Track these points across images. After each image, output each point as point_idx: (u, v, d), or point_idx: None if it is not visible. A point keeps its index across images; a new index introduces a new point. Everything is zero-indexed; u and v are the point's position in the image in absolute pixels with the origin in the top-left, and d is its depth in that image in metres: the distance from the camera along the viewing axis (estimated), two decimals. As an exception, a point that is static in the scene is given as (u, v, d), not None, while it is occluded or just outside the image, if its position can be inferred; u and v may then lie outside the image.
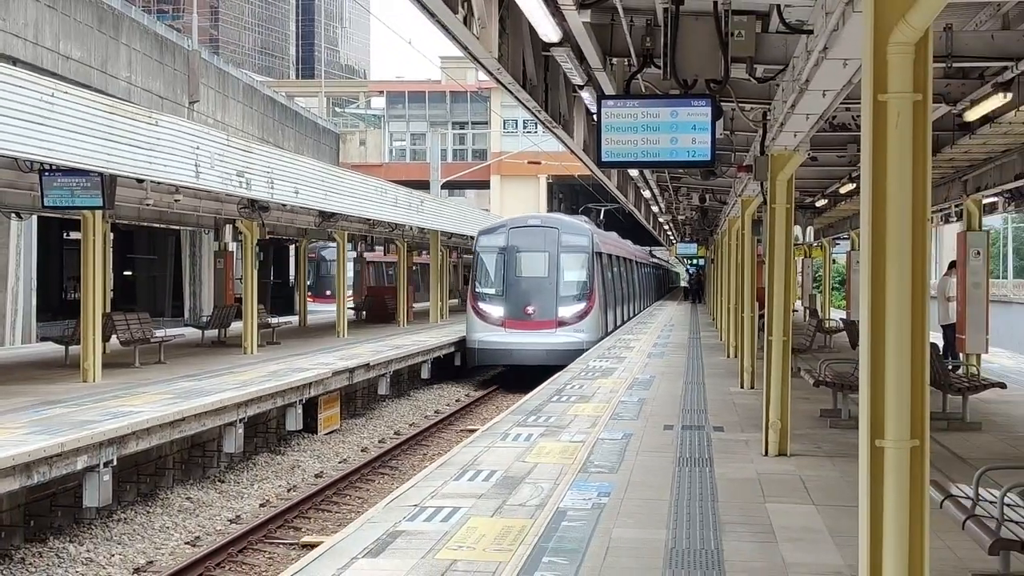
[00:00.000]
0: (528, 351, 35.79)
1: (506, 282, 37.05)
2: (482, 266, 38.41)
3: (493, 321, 36.71)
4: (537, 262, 37.49)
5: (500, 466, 13.38)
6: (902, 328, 6.01)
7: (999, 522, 7.52)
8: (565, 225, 39.57)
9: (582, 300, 37.06)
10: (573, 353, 33.05)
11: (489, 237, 38.66)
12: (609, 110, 11.28)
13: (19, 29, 32.78)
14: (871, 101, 6.04)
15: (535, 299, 36.51)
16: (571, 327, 36.41)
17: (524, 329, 36.06)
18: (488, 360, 37.89)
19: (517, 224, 39.44)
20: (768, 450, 14.32)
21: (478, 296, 37.67)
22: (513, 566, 8.94)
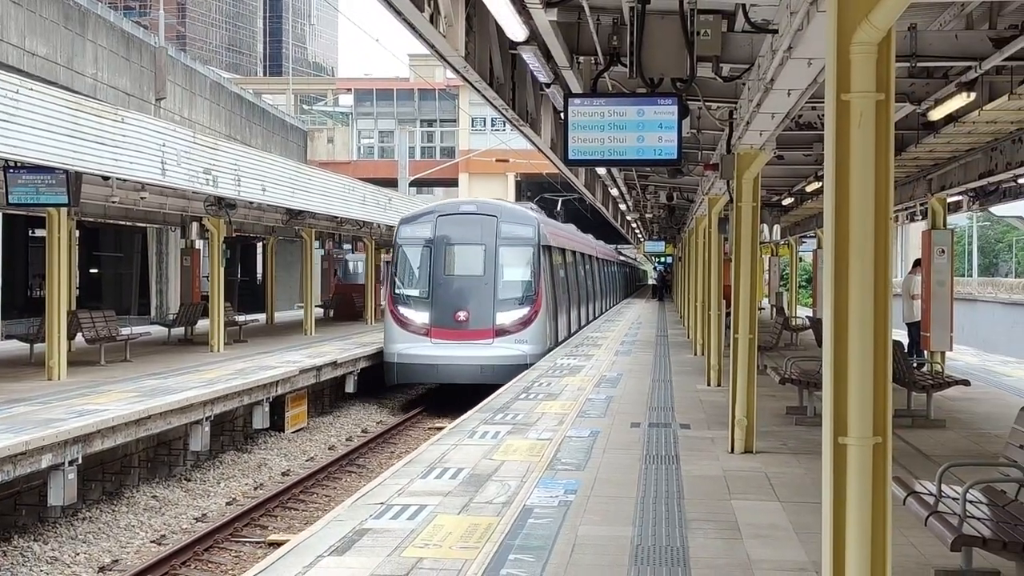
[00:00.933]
0: (458, 367, 29.88)
1: (432, 282, 30.80)
2: (404, 262, 31.92)
3: (416, 329, 30.40)
4: (471, 257, 31.25)
5: (467, 464, 13.37)
6: (865, 326, 6.04)
7: (961, 519, 7.57)
8: (506, 213, 32.75)
9: (526, 304, 30.75)
10: (514, 368, 27.65)
11: (412, 227, 31.99)
12: (576, 108, 11.29)
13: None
14: (834, 100, 6.07)
15: (468, 303, 30.50)
16: (512, 337, 30.31)
17: (454, 340, 30.00)
18: (409, 377, 31.21)
19: (447, 211, 32.79)
20: (734, 447, 14.36)
21: (398, 299, 31.25)
22: (479, 563, 8.94)
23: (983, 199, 25.04)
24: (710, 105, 15.35)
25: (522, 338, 30.47)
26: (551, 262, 34.43)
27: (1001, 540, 7.27)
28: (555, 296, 34.88)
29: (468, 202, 35.27)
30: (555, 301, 34.76)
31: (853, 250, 6.06)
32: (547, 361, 28.75)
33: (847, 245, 6.07)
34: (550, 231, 35.34)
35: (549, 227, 35.98)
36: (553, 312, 34.01)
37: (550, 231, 35.34)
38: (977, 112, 14.68)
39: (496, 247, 31.11)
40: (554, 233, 36.94)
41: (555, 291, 35.02)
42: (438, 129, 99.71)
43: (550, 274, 33.80)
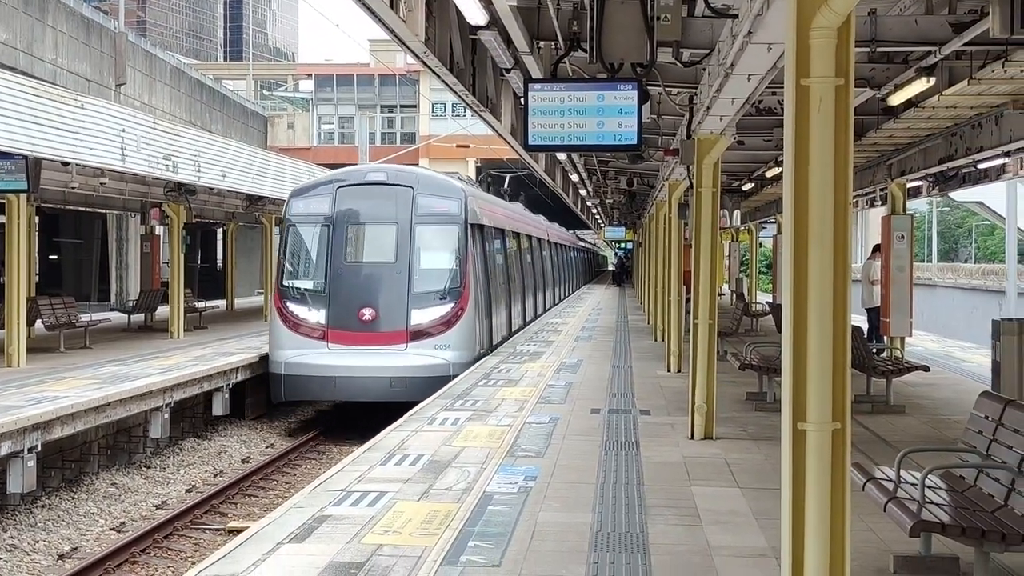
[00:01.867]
0: (362, 380, 23.42)
1: (330, 271, 24.30)
2: (294, 246, 25.31)
3: (308, 332, 24.03)
4: (379, 239, 24.87)
5: (427, 450, 13.34)
6: (823, 311, 6.02)
7: (920, 504, 7.58)
8: (424, 183, 25.84)
9: (449, 299, 24.36)
10: (433, 381, 21.91)
11: (306, 201, 25.30)
12: (536, 94, 11.26)
13: (-61, 10, 32.32)
14: (794, 86, 6.05)
15: (375, 298, 24.07)
16: (431, 341, 23.98)
17: (357, 345, 23.68)
18: (299, 393, 24.53)
19: (350, 180, 25.79)
20: (694, 433, 14.37)
21: (286, 293, 24.59)
22: (439, 550, 8.90)
23: (943, 184, 25.14)
24: (670, 90, 15.35)
25: (444, 342, 24.09)
26: (484, 245, 27.90)
27: (960, 526, 7.28)
28: (489, 288, 28.28)
29: (377, 169, 27.54)
30: (489, 294, 28.20)
31: (812, 236, 6.04)
32: (507, 347, 28.23)
33: (806, 231, 6.05)
34: (482, 207, 28.72)
35: (481, 202, 29.21)
36: (486, 308, 27.42)
37: (482, 207, 28.72)
38: (937, 97, 14.72)
39: (412, 226, 24.61)
40: (488, 210, 30.19)
41: (489, 281, 28.40)
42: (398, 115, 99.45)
43: (482, 260, 27.33)
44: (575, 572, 8.36)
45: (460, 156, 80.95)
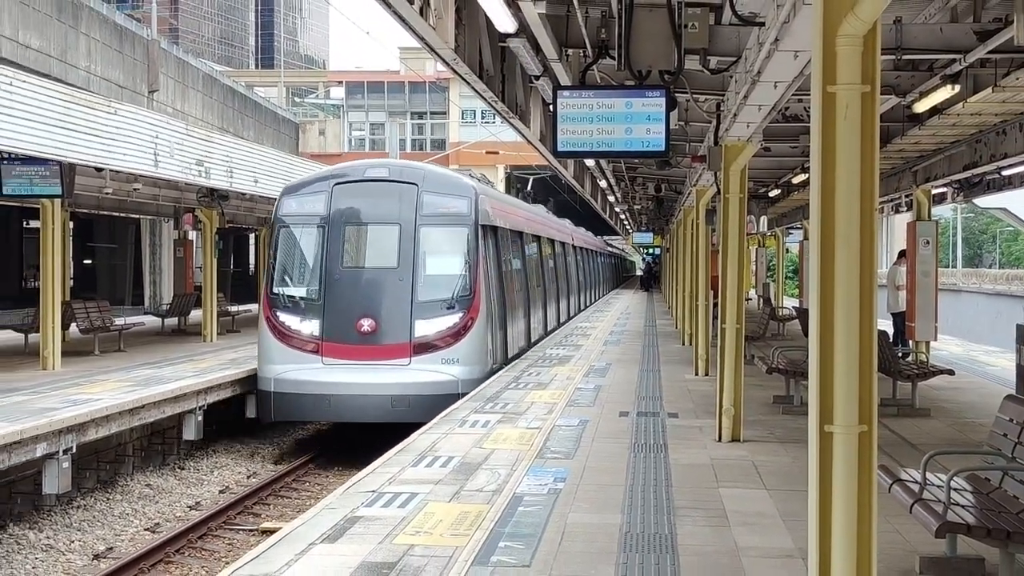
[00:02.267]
0: (360, 399, 20.52)
1: (325, 278, 21.33)
2: (286, 250, 22.41)
3: (301, 344, 21.17)
4: (380, 242, 21.81)
5: (458, 452, 13.36)
6: (850, 316, 6.04)
7: (946, 506, 7.59)
8: (431, 180, 22.65)
9: (458, 308, 21.33)
10: (439, 400, 19.43)
11: (299, 199, 22.37)
12: (564, 100, 11.29)
13: (-25, 18, 32.52)
14: (820, 92, 6.07)
15: (376, 307, 21.15)
16: (438, 355, 21.03)
17: (355, 359, 20.76)
18: (290, 413, 21.61)
19: (348, 176, 22.85)
20: (722, 436, 14.37)
21: (276, 302, 21.72)
22: (470, 550, 8.94)
23: (967, 191, 25.11)
24: (697, 97, 15.35)
25: (452, 356, 21.10)
26: (498, 249, 24.62)
27: (985, 527, 7.29)
28: (504, 295, 25.05)
29: (378, 164, 24.13)
30: (504, 302, 25.00)
31: (839, 241, 6.06)
32: (536, 351, 27.88)
33: (833, 236, 6.07)
34: (496, 208, 25.29)
35: (495, 202, 25.71)
36: (500, 318, 24.21)
37: (496, 208, 25.29)
38: (961, 104, 14.69)
39: (416, 227, 21.49)
40: (503, 211, 26.93)
41: (504, 288, 25.11)
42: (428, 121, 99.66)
43: (496, 265, 24.13)
44: (604, 573, 8.38)
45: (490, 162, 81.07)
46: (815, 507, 6.10)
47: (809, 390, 6.15)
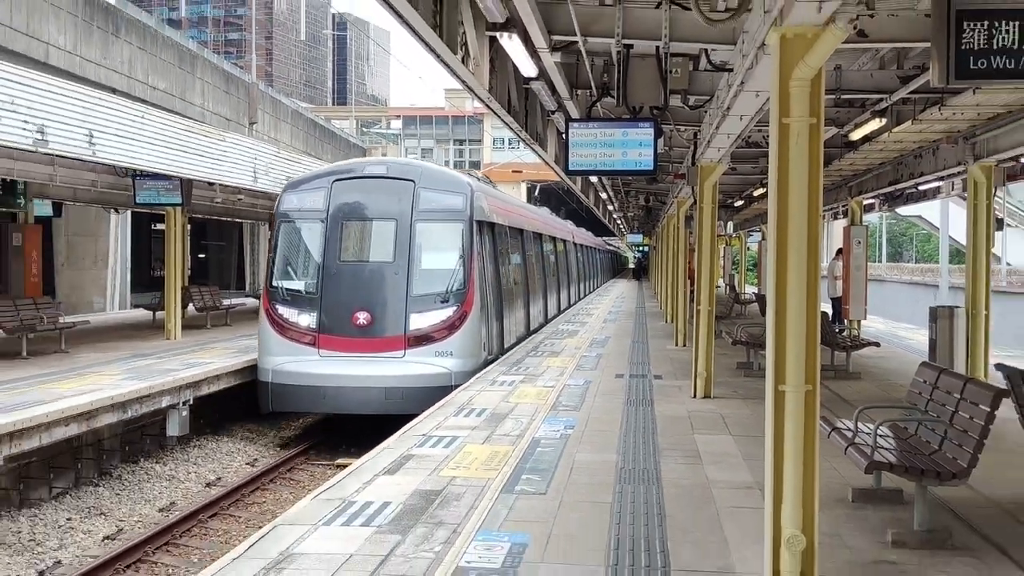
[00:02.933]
0: (355, 391, 17.41)
1: (323, 271, 18.07)
2: (286, 244, 18.99)
3: (298, 337, 17.99)
4: (377, 237, 18.63)
5: (489, 405, 13.37)
6: (799, 300, 6.02)
7: (873, 449, 7.55)
8: (427, 176, 19.14)
9: (452, 302, 18.05)
10: (433, 392, 16.34)
11: (299, 195, 19.02)
12: (575, 130, 11.27)
13: (117, 65, 32.58)
14: (777, 124, 6.04)
15: (371, 300, 17.82)
16: (432, 347, 17.86)
17: (351, 351, 17.59)
18: (287, 404, 18.09)
19: (347, 173, 19.49)
20: (696, 393, 14.34)
21: (275, 295, 18.36)
22: (499, 481, 8.95)
23: (891, 202, 25.04)
24: (679, 128, 15.31)
25: (446, 348, 17.69)
26: (495, 244, 20.93)
27: (904, 465, 7.26)
28: (500, 289, 21.24)
29: (377, 162, 20.60)
30: (500, 296, 21.21)
31: (791, 241, 6.04)
32: (551, 327, 27.48)
33: (786, 237, 6.05)
34: (493, 205, 21.51)
35: (492, 200, 21.82)
36: (494, 310, 20.28)
37: (493, 205, 21.51)
38: (887, 134, 14.62)
39: (412, 223, 18.09)
40: (501, 208, 22.75)
41: (501, 282, 21.31)
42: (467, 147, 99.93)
43: (492, 260, 20.39)
44: (604, 499, 8.38)
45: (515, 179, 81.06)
46: (770, 449, 6.09)
47: (766, 358, 6.13)
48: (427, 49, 9.95)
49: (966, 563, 6.85)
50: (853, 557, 6.92)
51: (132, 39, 34.38)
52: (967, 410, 7.41)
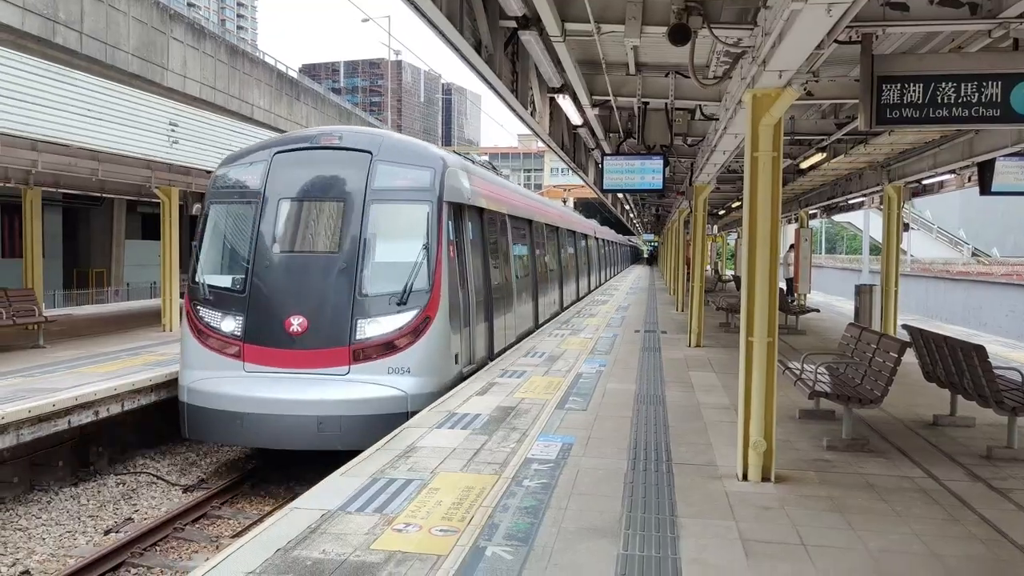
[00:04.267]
0: (281, 421, 8.52)
1: (253, 265, 9.33)
2: (212, 231, 9.81)
3: (221, 347, 9.24)
4: (320, 222, 9.53)
5: (547, 349, 13.36)
6: (764, 278, 5.96)
7: (814, 382, 7.47)
8: (388, 148, 9.70)
9: (411, 304, 9.08)
10: (382, 421, 8.39)
11: (236, 171, 9.86)
12: (608, 161, 11.23)
13: (299, 120, 32.99)
14: (749, 156, 5.98)
15: (309, 301, 9.08)
16: (384, 362, 8.90)
17: (281, 367, 8.95)
18: (204, 432, 9.12)
19: (293, 143, 9.98)
20: (691, 343, 14.24)
21: (197, 293, 9.55)
22: (555, 401, 8.97)
23: (828, 211, 24.60)
24: (680, 159, 15.17)
25: (401, 364, 9.13)
26: (481, 233, 12.00)
27: (836, 394, 7.17)
28: (487, 286, 12.07)
29: (331, 131, 10.24)
30: (485, 295, 11.94)
31: (759, 238, 5.98)
32: (591, 296, 26.41)
33: (755, 235, 5.99)
34: (479, 186, 12.06)
35: (477, 180, 12.05)
36: (479, 312, 11.50)
37: (479, 186, 12.06)
38: (827, 164, 14.34)
39: (365, 203, 9.52)
40: (491, 191, 13.16)
41: (487, 278, 12.14)
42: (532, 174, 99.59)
43: (478, 251, 11.68)
44: (626, 413, 8.37)
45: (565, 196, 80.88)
46: (742, 382, 6.05)
47: (741, 318, 6.08)
48: (507, 106, 9.95)
49: (879, 461, 6.75)
50: (799, 456, 6.85)
51: (308, 101, 34.79)
52: (881, 356, 7.29)
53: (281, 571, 4.39)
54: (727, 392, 9.70)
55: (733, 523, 5.18)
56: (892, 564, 4.62)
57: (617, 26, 7.17)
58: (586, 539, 4.87)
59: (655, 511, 5.36)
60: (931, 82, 5.96)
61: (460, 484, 5.88)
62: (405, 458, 6.57)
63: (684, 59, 7.14)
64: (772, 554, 4.71)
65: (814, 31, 4.78)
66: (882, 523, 5.26)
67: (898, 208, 14.98)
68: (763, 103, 5.82)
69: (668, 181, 18.01)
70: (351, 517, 5.18)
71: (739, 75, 7.08)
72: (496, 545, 4.75)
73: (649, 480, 6.04)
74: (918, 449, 7.19)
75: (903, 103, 6.02)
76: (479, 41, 7.67)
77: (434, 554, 4.61)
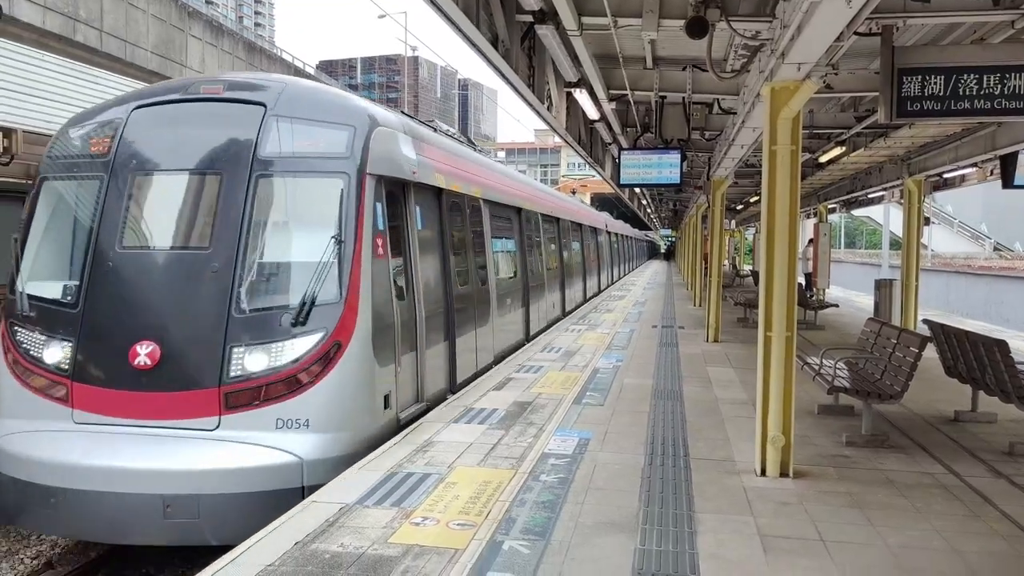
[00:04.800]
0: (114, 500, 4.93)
1: (90, 268, 5.64)
2: (43, 218, 6.06)
3: (43, 385, 5.60)
4: (185, 205, 5.81)
5: (564, 345, 13.33)
6: (782, 274, 5.93)
7: (833, 377, 7.42)
8: (288, 99, 5.99)
9: (310, 325, 5.42)
10: (260, 502, 5.08)
11: (82, 134, 6.05)
12: (625, 156, 11.20)
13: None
14: (767, 150, 5.94)
15: (164, 321, 5.44)
16: (269, 412, 5.29)
17: (124, 415, 5.31)
18: (13, 515, 5.33)
19: (158, 95, 6.20)
20: (709, 338, 14.19)
21: (15, 307, 5.87)
22: (572, 396, 8.96)
23: (848, 206, 24.41)
24: (698, 154, 15.10)
25: (297, 413, 5.43)
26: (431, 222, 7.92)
27: (855, 389, 7.12)
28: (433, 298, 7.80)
29: (214, 79, 6.27)
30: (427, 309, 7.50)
31: (777, 233, 5.95)
32: (610, 291, 26.29)
33: (774, 230, 5.95)
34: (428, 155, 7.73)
35: (424, 147, 7.70)
36: (414, 332, 7.14)
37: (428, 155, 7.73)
38: (846, 157, 14.23)
39: (251, 178, 5.76)
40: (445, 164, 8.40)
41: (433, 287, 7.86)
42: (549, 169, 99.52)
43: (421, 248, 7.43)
44: (643, 408, 8.35)
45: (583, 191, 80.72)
46: (761, 377, 6.03)
47: (759, 313, 6.05)
48: (524, 101, 9.94)
49: (899, 457, 6.70)
50: (818, 452, 6.81)
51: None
52: (901, 351, 7.24)
53: (299, 564, 4.41)
54: (745, 387, 9.65)
55: (751, 518, 5.16)
56: (912, 560, 4.59)
57: (634, 20, 7.15)
58: (603, 534, 4.87)
59: (672, 506, 5.35)
60: (953, 74, 5.90)
61: (477, 478, 5.90)
62: (422, 452, 6.59)
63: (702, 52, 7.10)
64: (791, 549, 4.69)
65: (834, 23, 4.74)
66: (902, 519, 5.23)
67: (919, 202, 14.85)
68: (781, 96, 5.78)
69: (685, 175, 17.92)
70: (369, 511, 5.20)
71: (757, 68, 7.03)
72: (513, 539, 4.76)
73: (666, 475, 6.03)
74: (939, 445, 7.13)
75: (924, 95, 5.96)
76: (496, 36, 7.66)
77: (452, 548, 4.63)
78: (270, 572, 4.32)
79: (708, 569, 4.40)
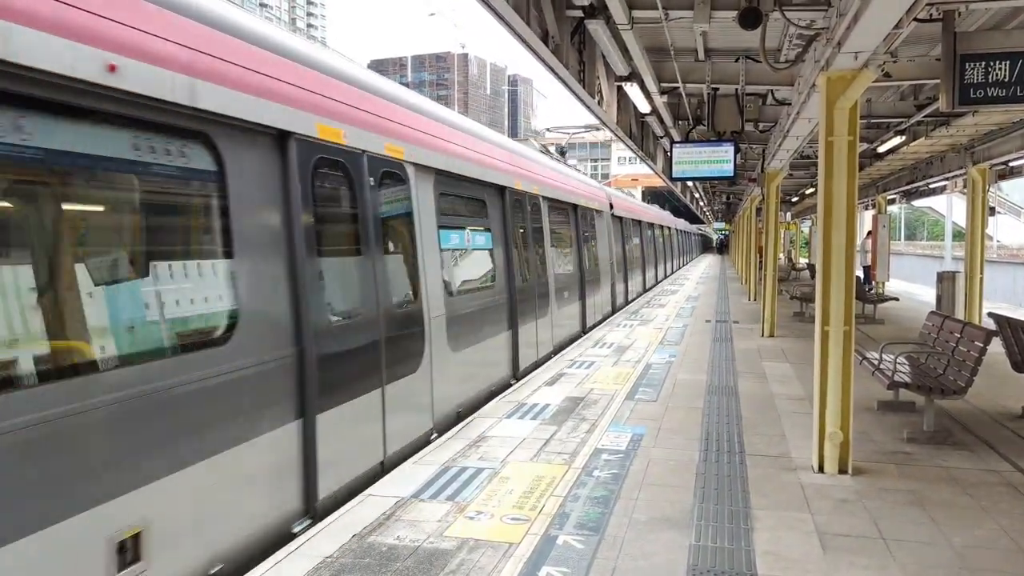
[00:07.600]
0: None
1: None
2: None
3: None
4: None
5: (616, 340, 13.31)
6: (839, 267, 5.83)
7: (893, 372, 7.27)
8: None
9: None
10: None
11: None
12: (677, 149, 11.11)
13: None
14: (824, 141, 5.84)
15: None
16: None
17: None
18: None
19: None
20: (764, 333, 13.99)
21: None
22: (624, 391, 8.94)
23: (908, 196, 23.85)
24: (752, 146, 14.89)
25: None
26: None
27: (917, 384, 6.96)
28: None
29: None
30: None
31: (834, 225, 5.85)
32: (662, 285, 26.11)
33: (831, 223, 5.86)
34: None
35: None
36: None
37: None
38: (906, 147, 13.90)
39: None
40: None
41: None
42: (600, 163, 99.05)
43: None
44: (698, 405, 8.29)
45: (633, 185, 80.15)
46: (818, 372, 5.94)
47: (816, 307, 5.96)
48: (574, 96, 9.92)
49: (963, 454, 6.54)
50: (878, 448, 6.68)
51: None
52: (965, 345, 7.05)
53: (358, 556, 4.49)
54: (802, 383, 9.51)
55: (808, 515, 5.09)
56: (978, 559, 4.48)
57: (685, 12, 7.08)
58: (657, 529, 4.85)
59: (727, 502, 5.30)
60: (1019, 59, 5.73)
61: (530, 473, 5.92)
62: (476, 447, 6.64)
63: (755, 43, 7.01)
64: (850, 547, 4.61)
65: (892, 10, 4.64)
66: (966, 518, 5.10)
67: (983, 191, 14.43)
68: (838, 86, 5.67)
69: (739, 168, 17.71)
70: (424, 504, 5.27)
71: (812, 58, 6.91)
72: (567, 534, 4.77)
73: (721, 471, 5.98)
74: (1005, 442, 6.93)
75: (988, 82, 5.80)
76: (546, 32, 7.66)
77: (506, 542, 4.66)
78: (330, 563, 4.41)
79: (764, 566, 4.36)
